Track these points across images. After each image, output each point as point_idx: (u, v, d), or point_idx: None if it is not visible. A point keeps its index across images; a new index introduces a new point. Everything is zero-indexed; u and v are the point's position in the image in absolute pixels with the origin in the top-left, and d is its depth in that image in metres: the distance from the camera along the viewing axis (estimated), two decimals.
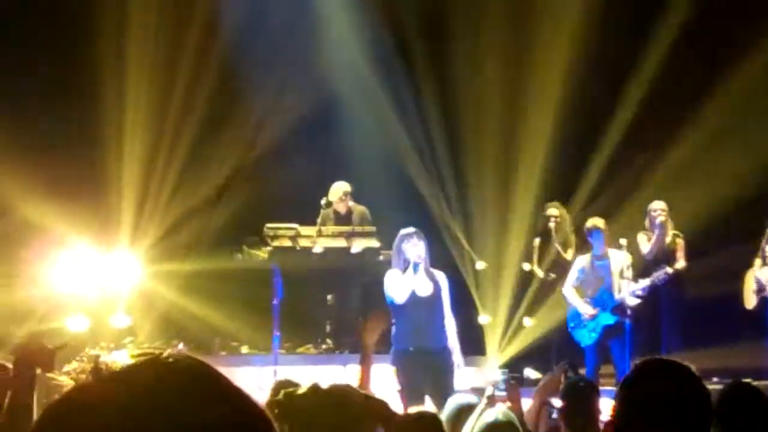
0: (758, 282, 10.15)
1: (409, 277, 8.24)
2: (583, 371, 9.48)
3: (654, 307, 10.27)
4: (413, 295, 8.24)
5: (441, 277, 8.46)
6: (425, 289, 8.28)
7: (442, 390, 7.46)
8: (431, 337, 8.18)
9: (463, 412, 5.14)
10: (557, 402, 5.17)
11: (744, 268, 10.26)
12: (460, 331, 8.40)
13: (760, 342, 10.14)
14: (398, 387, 8.13)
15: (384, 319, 6.29)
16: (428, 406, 7.12)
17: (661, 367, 2.63)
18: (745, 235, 10.51)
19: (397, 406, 7.57)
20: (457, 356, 8.14)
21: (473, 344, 10.33)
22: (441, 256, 9.73)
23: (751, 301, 10.22)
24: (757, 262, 10.23)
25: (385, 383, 8.68)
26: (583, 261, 10.13)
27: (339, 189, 10.85)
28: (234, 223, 11.53)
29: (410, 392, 7.84)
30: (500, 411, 4.80)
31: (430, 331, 8.19)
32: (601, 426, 4.88)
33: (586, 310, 9.92)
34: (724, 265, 10.58)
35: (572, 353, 9.95)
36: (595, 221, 10.11)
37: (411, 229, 8.34)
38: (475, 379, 9.46)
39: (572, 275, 10.13)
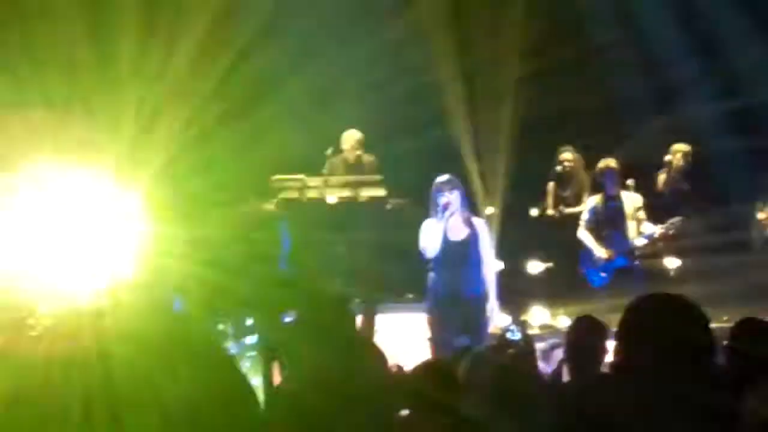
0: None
1: (441, 224, 8.15)
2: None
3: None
4: (446, 241, 8.22)
5: (479, 224, 8.45)
6: (458, 235, 8.23)
7: (473, 338, 7.41)
8: (465, 283, 8.17)
9: (476, 361, 5.03)
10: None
11: None
12: None
13: None
14: (429, 335, 8.08)
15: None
16: None
17: (660, 301, 2.52)
18: None
19: (425, 354, 7.54)
20: (491, 304, 8.04)
21: None
22: None
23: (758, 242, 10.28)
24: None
25: (414, 332, 8.69)
26: (594, 201, 10.02)
27: (352, 137, 10.80)
28: (240, 176, 11.40)
29: (440, 341, 7.79)
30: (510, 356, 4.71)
31: (464, 277, 8.18)
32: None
33: (601, 252, 9.81)
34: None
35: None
36: (608, 161, 10.02)
37: (444, 177, 8.31)
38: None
39: (585, 217, 10.02)
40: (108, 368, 2.11)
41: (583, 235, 9.99)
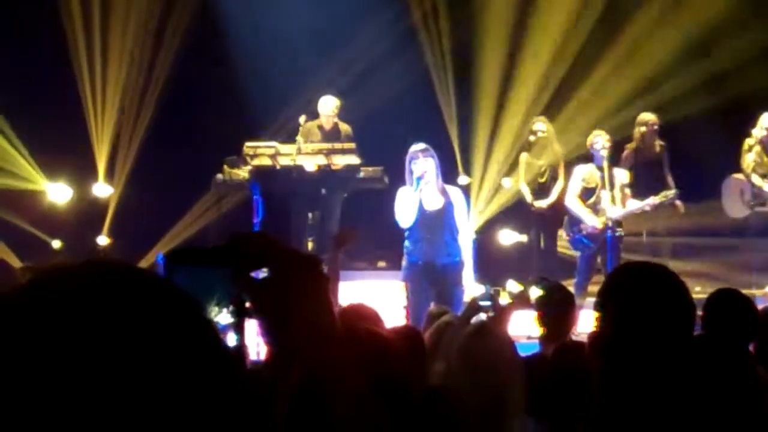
0: (750, 192, 10.19)
1: (417, 194, 8.17)
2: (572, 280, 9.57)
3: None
4: (421, 210, 8.22)
5: (454, 192, 8.44)
6: (434, 205, 8.24)
7: (446, 303, 7.44)
8: (440, 251, 8.19)
9: (443, 329, 5.01)
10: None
11: None
12: None
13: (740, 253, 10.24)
14: (404, 302, 8.18)
15: (352, 235, 6.19)
16: None
17: (640, 271, 2.49)
18: None
19: (401, 320, 7.55)
20: (467, 272, 8.09)
21: None
22: None
23: (737, 210, 10.31)
24: (748, 167, 10.26)
25: (391, 298, 8.71)
26: (583, 171, 10.02)
27: (330, 103, 10.69)
28: (214, 142, 11.33)
29: (415, 308, 7.80)
30: (478, 322, 4.67)
31: (439, 245, 8.19)
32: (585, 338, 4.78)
33: (594, 221, 9.81)
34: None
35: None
36: (599, 132, 10.02)
37: (420, 146, 8.28)
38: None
39: (574, 185, 10.02)
40: None
41: (573, 203, 9.99)
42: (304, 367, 1.36)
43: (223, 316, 1.33)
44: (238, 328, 1.34)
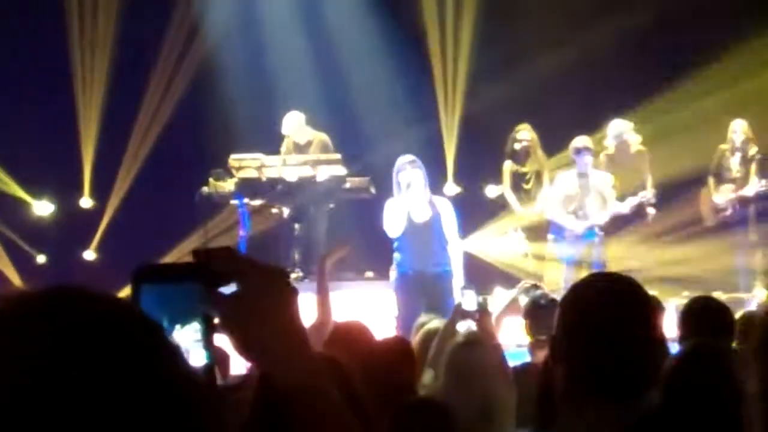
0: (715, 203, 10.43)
1: (405, 206, 8.20)
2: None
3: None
4: (410, 222, 8.31)
5: (442, 203, 8.56)
6: (422, 216, 8.33)
7: (437, 314, 7.49)
8: (429, 261, 8.28)
9: (431, 337, 5.02)
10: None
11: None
12: None
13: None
14: (395, 312, 8.30)
15: (343, 248, 6.21)
16: None
17: (598, 281, 2.47)
18: None
19: (391, 331, 7.58)
20: (457, 281, 8.17)
21: None
22: None
23: (710, 218, 10.54)
24: (711, 182, 10.48)
25: (380, 307, 8.75)
26: (565, 178, 10.06)
27: (294, 121, 10.66)
28: (199, 155, 11.32)
29: (405, 318, 7.83)
30: (466, 331, 4.68)
31: (429, 255, 8.29)
32: None
33: (576, 226, 9.84)
34: None
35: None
36: (583, 139, 10.06)
37: (408, 157, 8.37)
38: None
39: (556, 193, 10.05)
40: None
41: (554, 210, 10.02)
42: (267, 381, 1.34)
43: (191, 333, 1.31)
44: (208, 344, 1.31)
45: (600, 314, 2.24)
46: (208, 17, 12.43)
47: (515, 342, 7.07)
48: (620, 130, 10.55)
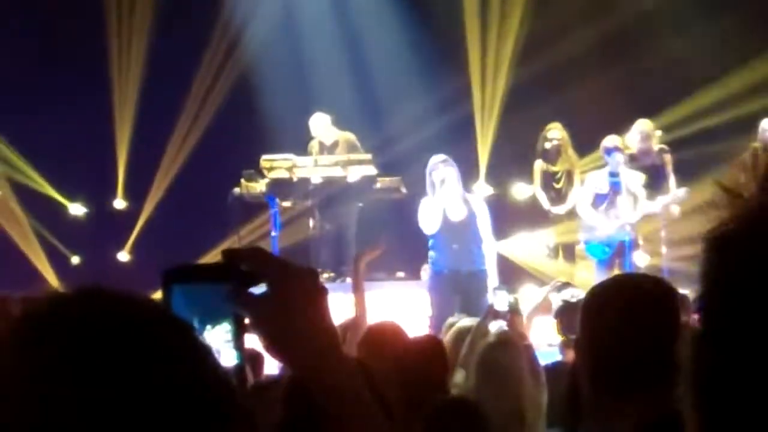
0: None
1: (439, 204, 8.27)
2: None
3: None
4: (445, 220, 8.35)
5: (477, 202, 8.63)
6: (457, 215, 8.37)
7: (471, 313, 7.52)
8: (465, 259, 8.31)
9: (462, 336, 5.04)
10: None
11: None
12: None
13: None
14: (429, 312, 8.35)
15: (379, 247, 6.22)
16: None
17: (623, 282, 2.49)
18: None
19: (425, 330, 7.61)
20: (492, 281, 8.21)
21: None
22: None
23: None
24: None
25: (413, 307, 8.78)
26: (596, 178, 10.03)
27: (321, 122, 10.70)
28: (231, 156, 11.39)
29: (439, 317, 7.85)
30: (497, 331, 4.69)
31: (464, 254, 8.32)
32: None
33: (607, 227, 9.82)
34: None
35: None
36: (613, 139, 10.03)
37: (440, 157, 8.43)
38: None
39: (587, 193, 10.03)
40: None
41: (585, 209, 10.00)
42: (298, 381, 1.34)
43: (222, 334, 1.30)
44: (238, 345, 1.31)
45: (614, 312, 2.27)
46: (248, 24, 12.52)
47: (546, 341, 7.08)
48: (643, 129, 10.50)
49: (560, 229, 10.88)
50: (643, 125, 10.57)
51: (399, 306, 8.99)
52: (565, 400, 2.78)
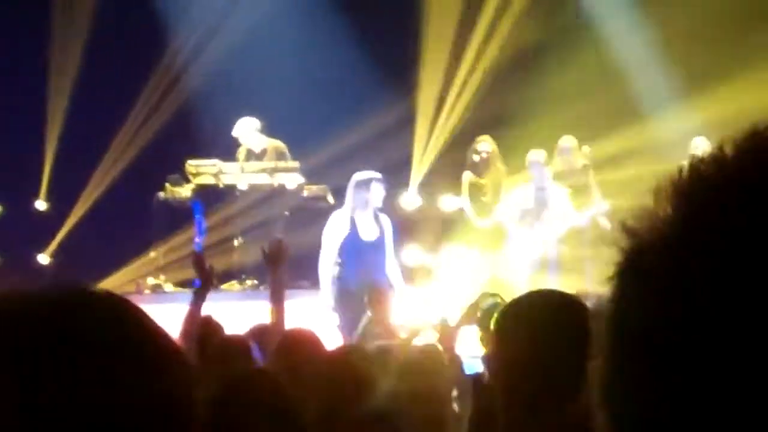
0: None
1: (355, 221, 8.51)
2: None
3: None
4: (357, 238, 8.57)
5: (386, 221, 8.80)
6: (371, 234, 8.59)
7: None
8: (374, 276, 8.41)
9: (386, 350, 5.00)
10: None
11: None
12: None
13: None
14: (338, 323, 8.48)
15: (281, 249, 6.04)
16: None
17: (533, 300, 2.51)
18: None
19: (336, 340, 7.57)
20: (400, 291, 8.51)
21: None
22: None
23: None
24: None
25: (318, 318, 8.73)
26: (522, 192, 10.08)
27: (245, 125, 10.59)
28: (160, 160, 11.25)
29: (349, 328, 7.89)
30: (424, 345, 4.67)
31: (374, 271, 8.50)
32: None
33: (530, 241, 9.87)
34: None
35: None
36: (537, 153, 10.08)
37: (375, 174, 8.53)
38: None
39: (512, 207, 10.07)
40: None
41: (511, 224, 10.04)
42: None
43: None
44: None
45: (525, 331, 2.34)
46: (180, 27, 12.38)
47: (471, 352, 7.05)
48: (567, 146, 10.58)
49: (486, 242, 10.89)
50: (567, 141, 10.65)
51: (305, 316, 8.97)
52: (481, 415, 2.78)
